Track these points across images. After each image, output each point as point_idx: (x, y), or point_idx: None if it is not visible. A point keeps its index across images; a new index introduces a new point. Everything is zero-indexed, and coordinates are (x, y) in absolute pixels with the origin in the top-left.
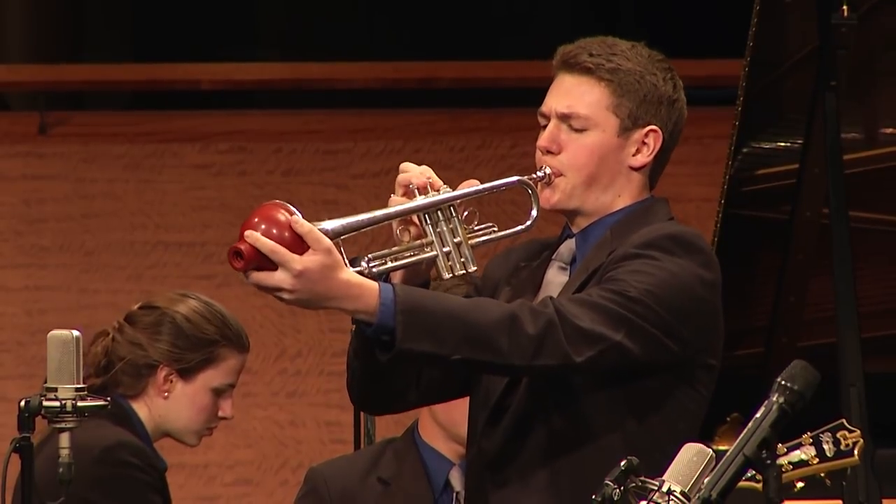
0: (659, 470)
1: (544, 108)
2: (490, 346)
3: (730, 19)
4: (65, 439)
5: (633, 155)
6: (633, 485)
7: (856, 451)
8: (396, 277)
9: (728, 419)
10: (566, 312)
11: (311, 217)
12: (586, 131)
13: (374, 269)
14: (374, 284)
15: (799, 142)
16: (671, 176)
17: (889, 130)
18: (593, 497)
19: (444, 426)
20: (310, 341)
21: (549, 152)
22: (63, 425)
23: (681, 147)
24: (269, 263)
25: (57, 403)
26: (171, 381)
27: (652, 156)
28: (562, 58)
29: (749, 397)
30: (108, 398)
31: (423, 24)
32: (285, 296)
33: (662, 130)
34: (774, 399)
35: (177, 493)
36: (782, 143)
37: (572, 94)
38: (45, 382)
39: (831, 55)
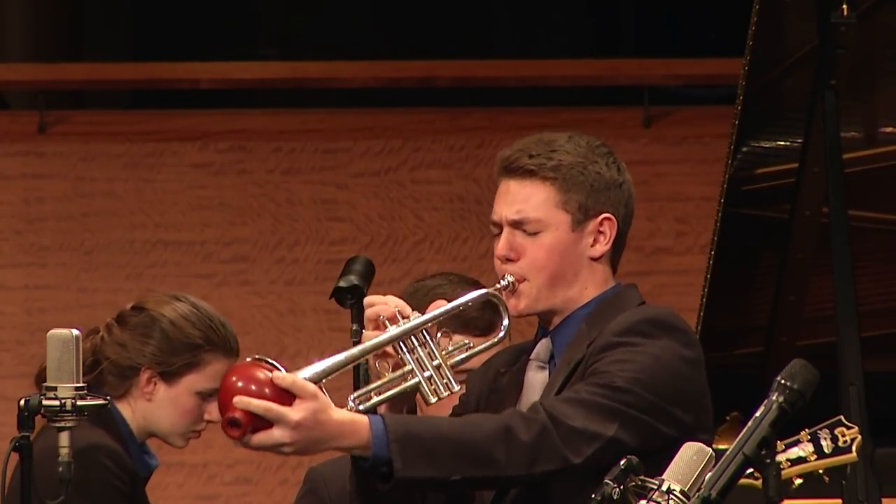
0: None
1: (494, 216)
2: (487, 461)
3: (729, 18)
4: (64, 438)
5: (592, 245)
6: (633, 484)
7: (854, 448)
8: (382, 409)
9: (728, 418)
10: (558, 414)
11: (313, 208)
12: (540, 233)
13: (360, 407)
14: (363, 419)
15: (798, 141)
16: (671, 175)
17: (889, 130)
18: (593, 496)
19: None
20: (309, 340)
21: (508, 260)
22: (62, 424)
23: (681, 146)
24: (264, 423)
25: (56, 402)
26: (154, 384)
27: (609, 243)
28: (502, 164)
29: (749, 396)
30: (108, 398)
31: (423, 24)
32: (286, 449)
33: (615, 215)
34: (774, 398)
35: (176, 492)
36: (782, 142)
37: (519, 199)
38: (44, 380)
39: (831, 54)
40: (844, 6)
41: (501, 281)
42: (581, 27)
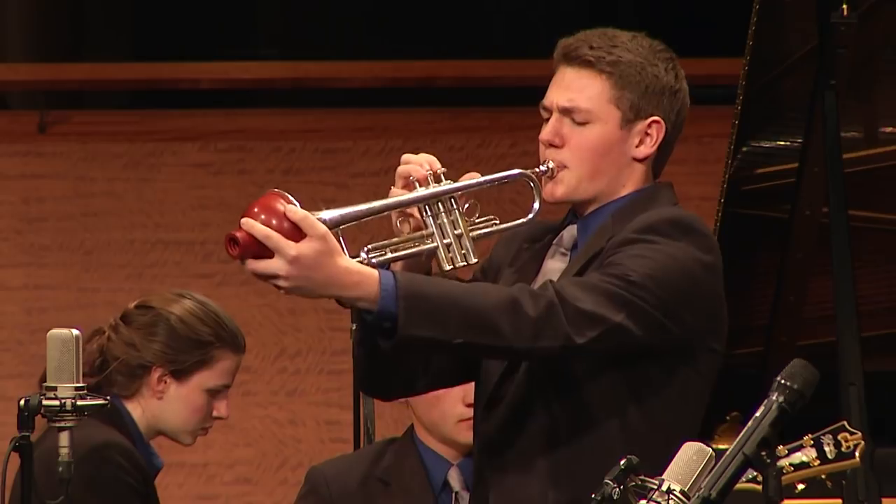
0: (661, 457)
1: (546, 101)
2: (491, 330)
3: (729, 18)
4: (64, 438)
5: (637, 146)
6: (633, 483)
7: (857, 454)
8: (395, 269)
9: (728, 418)
10: (566, 295)
11: (312, 209)
12: (589, 124)
13: (374, 260)
14: (373, 271)
15: (798, 141)
16: (670, 175)
17: (889, 130)
18: (592, 496)
19: (427, 427)
20: (309, 340)
21: (552, 146)
22: (62, 424)
23: (680, 146)
24: (265, 251)
25: (56, 402)
26: (165, 382)
27: (655, 146)
28: (562, 50)
29: (748, 396)
30: (107, 398)
31: (423, 24)
32: (281, 283)
33: (665, 121)
34: (774, 398)
35: (176, 492)
36: (782, 142)
37: (573, 87)
38: (44, 381)
39: (831, 54)
40: (844, 6)
41: (541, 166)
42: (581, 27)
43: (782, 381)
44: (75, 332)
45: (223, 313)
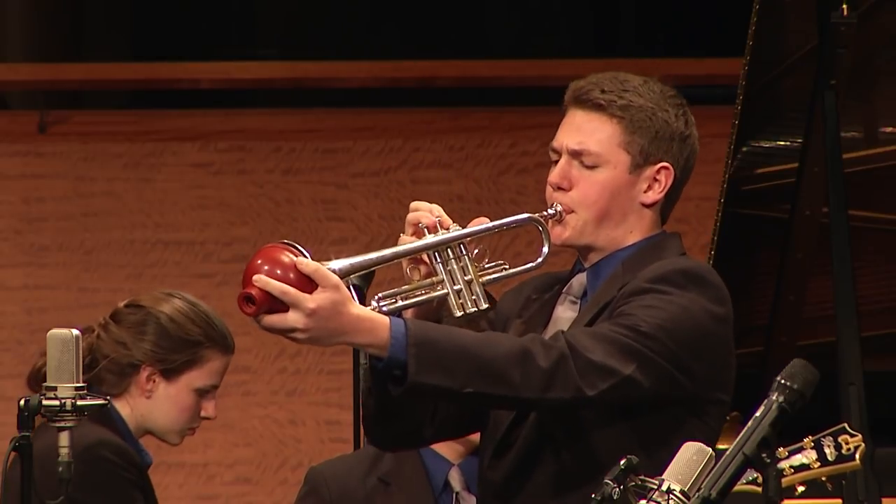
0: None
1: (555, 143)
2: (502, 380)
3: (729, 18)
4: (64, 438)
5: (645, 192)
6: (633, 483)
7: (857, 456)
8: (407, 315)
9: (728, 418)
10: (578, 346)
11: (312, 210)
12: (597, 168)
13: (385, 308)
14: (385, 318)
15: (798, 140)
16: None
17: (889, 129)
18: (593, 496)
19: None
20: None
21: (559, 188)
22: (62, 424)
23: None
24: (280, 305)
25: (56, 402)
26: (154, 381)
27: (663, 193)
28: (573, 93)
29: (748, 396)
30: (107, 398)
31: (423, 24)
32: (299, 335)
33: (674, 167)
34: (774, 398)
35: (176, 492)
36: (782, 142)
37: (584, 130)
38: (36, 381)
39: (831, 54)
40: (844, 6)
41: (549, 209)
42: (581, 27)
43: (782, 381)
44: (75, 332)
45: (213, 313)
